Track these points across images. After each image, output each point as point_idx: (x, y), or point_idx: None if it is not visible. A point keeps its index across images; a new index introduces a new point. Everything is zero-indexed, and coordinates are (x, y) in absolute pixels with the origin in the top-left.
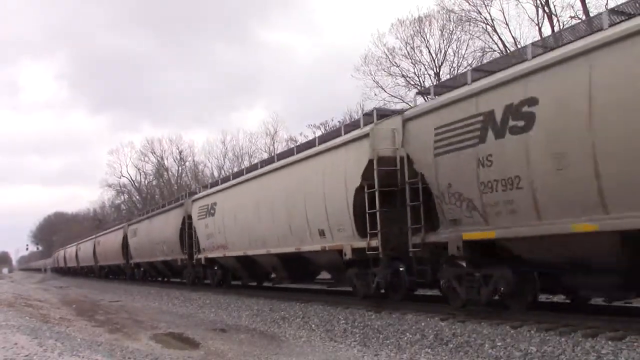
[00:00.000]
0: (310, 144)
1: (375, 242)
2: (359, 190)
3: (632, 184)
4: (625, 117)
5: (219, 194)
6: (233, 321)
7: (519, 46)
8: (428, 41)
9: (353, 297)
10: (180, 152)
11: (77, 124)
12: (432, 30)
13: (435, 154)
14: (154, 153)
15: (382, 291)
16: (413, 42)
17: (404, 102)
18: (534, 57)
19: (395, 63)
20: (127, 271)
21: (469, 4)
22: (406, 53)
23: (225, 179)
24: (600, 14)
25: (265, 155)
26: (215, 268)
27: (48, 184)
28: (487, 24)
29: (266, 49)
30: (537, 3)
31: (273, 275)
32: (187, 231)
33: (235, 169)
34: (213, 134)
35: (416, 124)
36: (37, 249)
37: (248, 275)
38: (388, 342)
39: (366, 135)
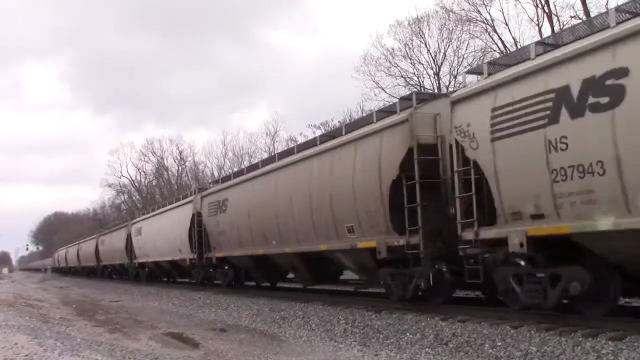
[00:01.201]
0: (178, 199)
1: (195, 255)
2: (190, 228)
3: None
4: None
5: (144, 221)
6: (233, 321)
7: (519, 46)
8: (427, 41)
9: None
10: (180, 152)
11: (80, 125)
12: (430, 30)
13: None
14: (154, 153)
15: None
16: (412, 43)
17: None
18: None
19: (395, 64)
20: (98, 270)
21: (469, 3)
22: (405, 53)
23: (147, 212)
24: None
25: (265, 155)
26: (146, 269)
27: (49, 184)
28: (487, 24)
29: (269, 50)
30: (537, 3)
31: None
32: (130, 244)
33: (236, 169)
34: (216, 134)
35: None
36: (37, 249)
37: (159, 273)
38: (388, 342)
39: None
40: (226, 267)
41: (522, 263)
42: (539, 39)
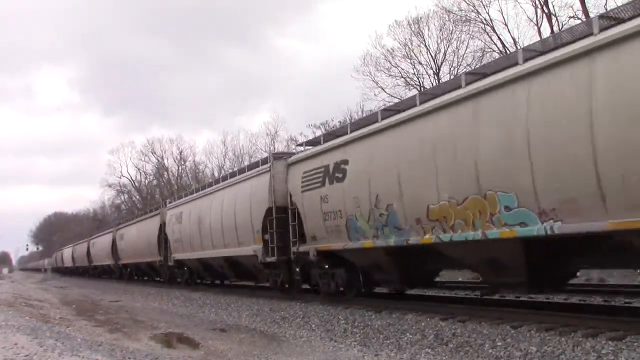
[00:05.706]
0: (152, 210)
1: (162, 258)
2: (159, 235)
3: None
4: None
5: (125, 227)
6: (233, 321)
7: (518, 46)
8: (426, 42)
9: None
10: (180, 152)
11: (86, 127)
12: (430, 30)
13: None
14: (154, 153)
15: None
16: (411, 43)
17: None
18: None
19: (395, 64)
20: (90, 270)
21: (467, 3)
22: (405, 54)
23: (129, 220)
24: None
25: (266, 155)
26: (128, 269)
27: (50, 184)
28: (486, 24)
29: (275, 53)
30: (535, 3)
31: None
32: (115, 247)
33: (236, 169)
34: (219, 135)
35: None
36: (37, 249)
37: (138, 272)
38: (388, 342)
39: (157, 214)
40: (185, 268)
41: (327, 266)
42: (540, 38)
